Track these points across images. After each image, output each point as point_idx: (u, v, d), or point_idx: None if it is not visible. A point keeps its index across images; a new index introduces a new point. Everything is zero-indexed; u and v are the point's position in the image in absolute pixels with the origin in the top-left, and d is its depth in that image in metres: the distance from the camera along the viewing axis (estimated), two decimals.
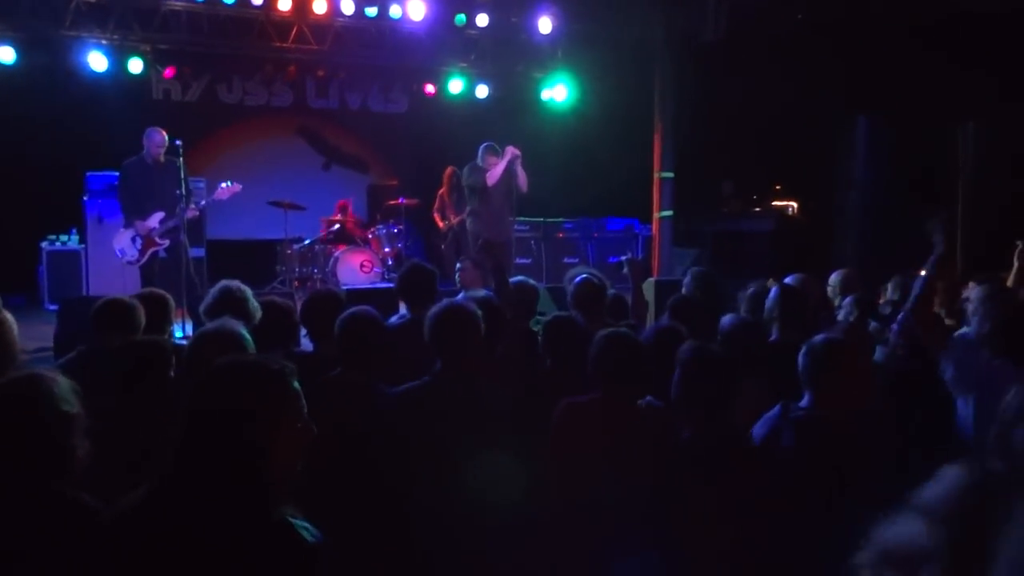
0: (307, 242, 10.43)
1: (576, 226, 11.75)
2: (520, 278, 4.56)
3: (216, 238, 10.37)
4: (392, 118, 13.00)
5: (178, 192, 7.23)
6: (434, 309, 3.19)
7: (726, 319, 3.59)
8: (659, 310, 4.72)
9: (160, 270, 7.26)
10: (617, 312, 4.56)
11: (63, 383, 2.10)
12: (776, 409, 2.96)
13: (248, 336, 3.05)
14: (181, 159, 7.24)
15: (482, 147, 8.11)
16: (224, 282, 4.01)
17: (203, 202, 7.82)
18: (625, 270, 4.95)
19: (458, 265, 5.72)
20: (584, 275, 4.42)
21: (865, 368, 3.12)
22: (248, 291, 3.97)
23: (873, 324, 3.97)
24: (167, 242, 7.32)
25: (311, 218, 10.89)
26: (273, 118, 12.52)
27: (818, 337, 3.00)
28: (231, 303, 3.80)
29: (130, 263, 7.40)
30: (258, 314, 3.86)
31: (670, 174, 9.64)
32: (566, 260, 11.22)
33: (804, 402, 2.96)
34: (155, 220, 7.26)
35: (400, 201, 10.57)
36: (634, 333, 3.23)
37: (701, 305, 4.14)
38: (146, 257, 7.32)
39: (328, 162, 12.93)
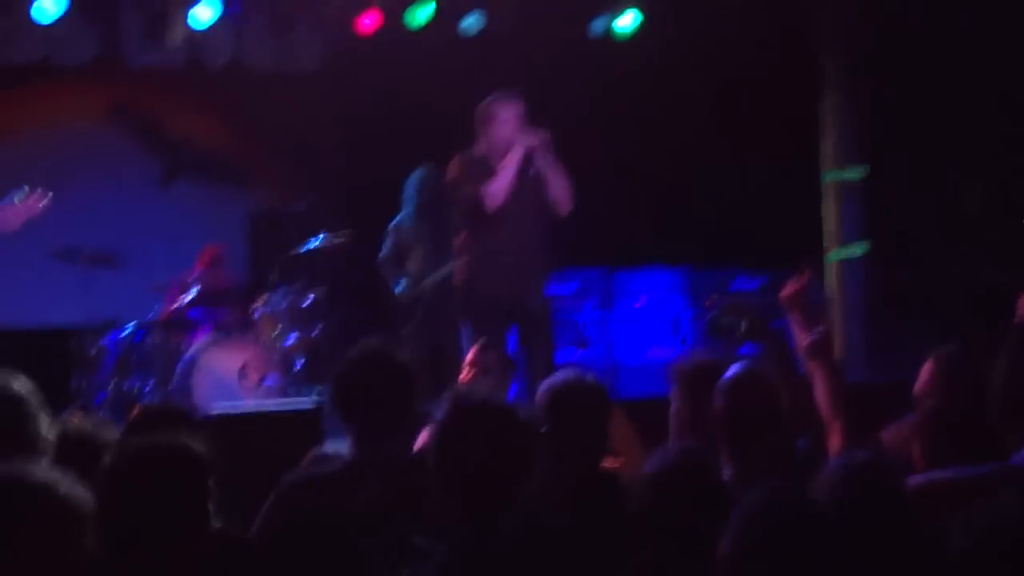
0: (130, 330, 9.80)
1: (669, 283, 11.02)
2: (570, 373, 4.67)
3: None
4: (296, 78, 11.74)
5: None
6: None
7: None
8: None
9: None
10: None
11: None
12: None
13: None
14: None
15: (484, 105, 7.75)
16: None
17: None
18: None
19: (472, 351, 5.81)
20: (742, 367, 4.50)
21: None
22: (27, 396, 3.85)
23: None
24: None
25: (138, 282, 10.26)
26: (62, 88, 11.67)
27: None
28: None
29: None
30: (47, 448, 3.83)
31: (856, 173, 9.64)
32: (651, 354, 10.66)
33: None
34: None
35: (318, 239, 9.93)
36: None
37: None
38: None
39: (171, 170, 12.46)
